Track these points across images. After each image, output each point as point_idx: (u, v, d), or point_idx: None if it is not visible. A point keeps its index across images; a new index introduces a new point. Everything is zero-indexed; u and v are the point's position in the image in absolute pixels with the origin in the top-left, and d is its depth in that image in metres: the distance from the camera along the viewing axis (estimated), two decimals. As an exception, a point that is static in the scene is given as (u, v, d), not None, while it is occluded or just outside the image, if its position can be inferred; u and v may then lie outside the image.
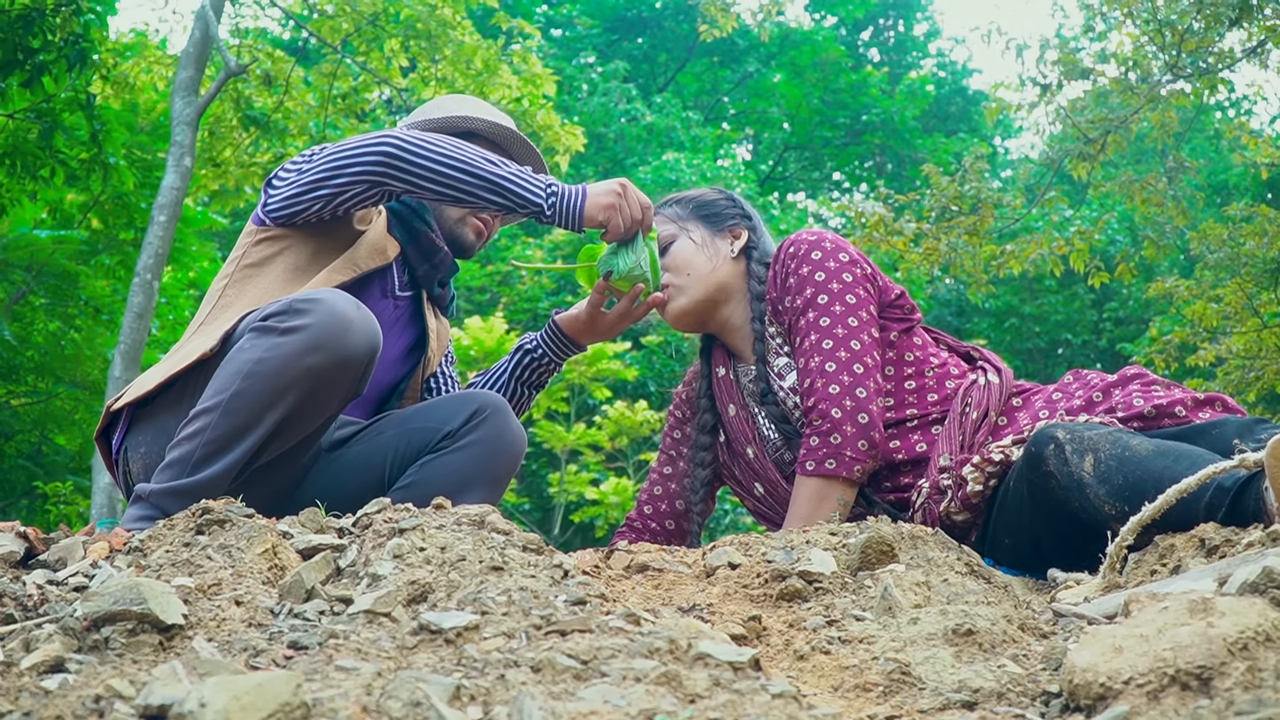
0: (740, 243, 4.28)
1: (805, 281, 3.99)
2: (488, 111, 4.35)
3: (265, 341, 3.42)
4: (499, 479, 3.87)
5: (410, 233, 4.10)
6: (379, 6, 15.05)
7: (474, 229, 4.22)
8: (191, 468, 3.36)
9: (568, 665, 1.80)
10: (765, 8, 17.84)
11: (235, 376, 3.40)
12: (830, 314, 3.92)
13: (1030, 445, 3.33)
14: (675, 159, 27.07)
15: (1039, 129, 15.92)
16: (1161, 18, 13.61)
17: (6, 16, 9.84)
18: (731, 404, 4.23)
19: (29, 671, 1.87)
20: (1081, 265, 14.81)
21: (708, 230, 4.27)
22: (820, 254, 4.02)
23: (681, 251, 4.23)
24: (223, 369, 3.45)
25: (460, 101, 4.42)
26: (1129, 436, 3.18)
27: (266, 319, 3.46)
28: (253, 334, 3.46)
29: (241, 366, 3.40)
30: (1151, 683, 1.70)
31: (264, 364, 3.39)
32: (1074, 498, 3.15)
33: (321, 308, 3.43)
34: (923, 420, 3.90)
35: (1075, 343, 28.79)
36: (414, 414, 3.89)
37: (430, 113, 4.31)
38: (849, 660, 2.17)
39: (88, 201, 13.83)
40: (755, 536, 2.91)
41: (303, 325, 3.40)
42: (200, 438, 3.39)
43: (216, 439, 3.38)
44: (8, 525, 2.72)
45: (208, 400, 3.42)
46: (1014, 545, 3.48)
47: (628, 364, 19.10)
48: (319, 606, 2.23)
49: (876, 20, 40.86)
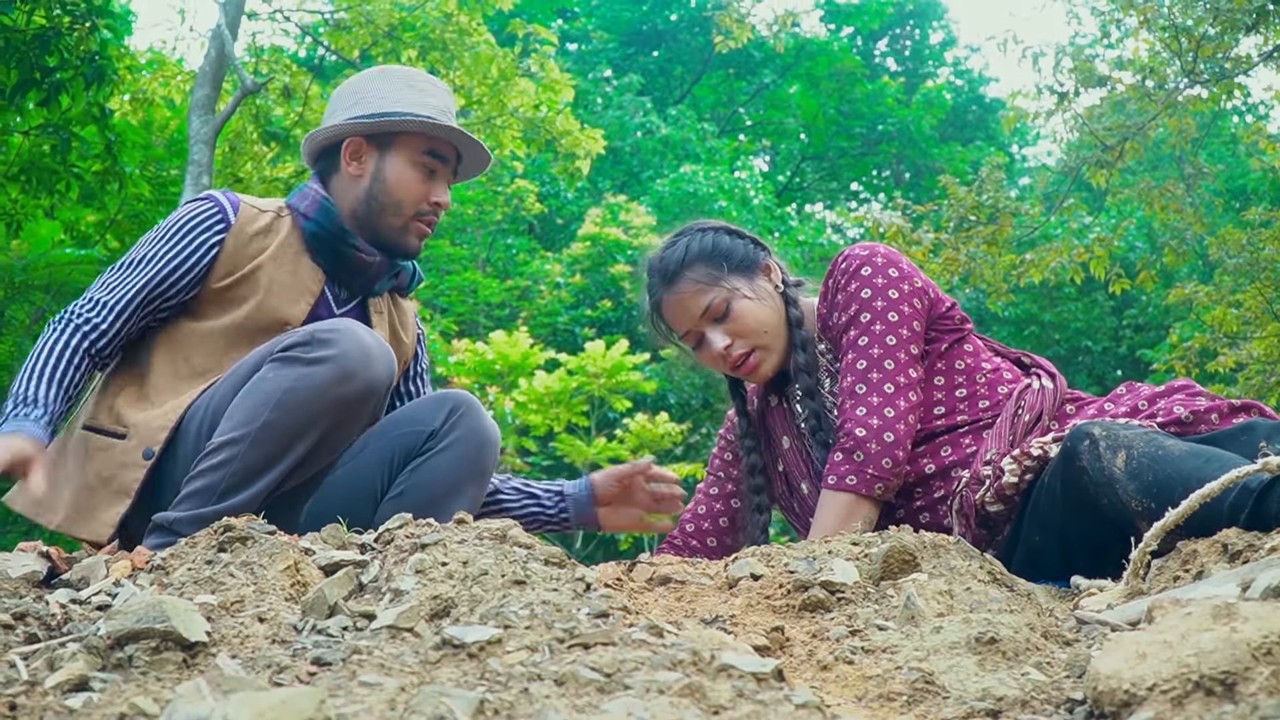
0: (777, 275, 4.18)
1: (851, 298, 3.93)
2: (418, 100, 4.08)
3: (292, 371, 3.42)
4: (485, 472, 3.87)
5: (335, 257, 3.99)
6: (395, 18, 15.08)
7: (418, 233, 4.08)
8: (218, 497, 3.36)
9: (591, 678, 1.80)
10: (780, 19, 17.89)
11: (264, 407, 3.40)
12: (870, 332, 3.89)
13: (1066, 441, 3.34)
14: (692, 171, 27.13)
15: (1056, 137, 15.86)
16: (1177, 23, 13.59)
17: (23, 36, 9.86)
18: (786, 436, 4.19)
19: (53, 690, 1.88)
20: (1102, 272, 14.78)
21: (748, 280, 4.11)
22: (870, 270, 3.95)
23: (749, 312, 4.05)
24: (245, 399, 3.44)
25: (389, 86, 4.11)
26: (1163, 438, 3.18)
27: (289, 349, 3.46)
28: (276, 364, 3.45)
29: (270, 396, 3.40)
30: (1176, 689, 1.69)
31: (293, 394, 3.39)
32: (1104, 494, 3.15)
33: (345, 338, 3.44)
34: (974, 426, 3.89)
35: (1095, 350, 28.75)
36: (392, 422, 3.83)
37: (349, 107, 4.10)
38: (872, 670, 2.16)
39: (104, 221, 13.86)
40: (777, 547, 2.91)
41: (330, 356, 3.41)
42: (228, 468, 3.39)
43: (244, 469, 3.38)
44: (30, 545, 2.72)
45: (234, 430, 3.41)
46: (1043, 542, 3.48)
47: (647, 376, 19.13)
48: (342, 622, 2.23)
49: (892, 30, 40.88)
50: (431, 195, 4.06)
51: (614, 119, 30.74)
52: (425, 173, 4.05)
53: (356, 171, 4.04)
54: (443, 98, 4.16)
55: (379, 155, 4.03)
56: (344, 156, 4.05)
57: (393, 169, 4.02)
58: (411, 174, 4.02)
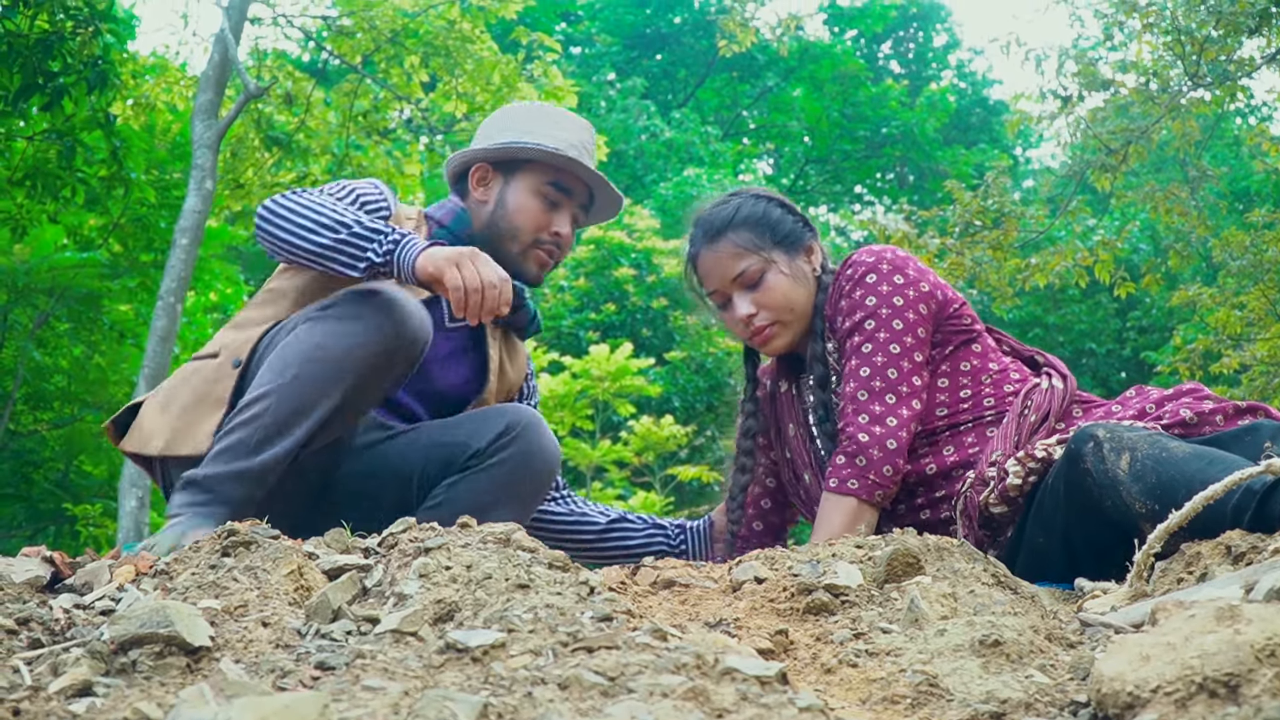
0: (817, 259, 4.18)
1: (856, 305, 3.93)
2: (550, 133, 4.12)
3: (323, 327, 3.45)
4: (525, 499, 3.84)
5: None
6: (398, 24, 15.08)
7: (537, 261, 4.09)
8: (250, 450, 3.38)
9: (595, 682, 1.80)
10: (784, 22, 17.90)
11: (294, 361, 3.43)
12: (874, 339, 3.88)
13: (1071, 443, 3.35)
14: (696, 175, 27.13)
15: (1060, 140, 15.85)
16: (1180, 26, 13.58)
17: (26, 40, 9.89)
18: (792, 423, 4.21)
19: (57, 695, 1.88)
20: (1107, 276, 14.77)
21: (788, 256, 4.10)
22: (875, 276, 3.95)
23: (779, 287, 4.05)
24: (277, 354, 3.48)
25: (529, 118, 4.20)
26: (1167, 439, 3.19)
27: (326, 306, 3.50)
28: (310, 322, 3.49)
29: (301, 352, 3.43)
30: (1179, 691, 1.69)
31: (323, 349, 3.42)
32: (1107, 495, 3.16)
33: (379, 297, 3.48)
34: (977, 423, 3.89)
35: (1099, 352, 28.76)
36: (443, 428, 3.86)
37: (492, 135, 4.18)
38: (876, 673, 2.16)
39: (107, 225, 13.87)
40: (781, 551, 2.91)
41: (361, 313, 3.45)
42: (259, 421, 3.40)
43: (275, 422, 3.40)
44: (34, 550, 2.73)
45: (264, 385, 3.43)
46: (1047, 544, 3.49)
47: (651, 380, 19.12)
48: (346, 627, 2.23)
49: (896, 33, 40.89)
50: (552, 226, 4.09)
51: (617, 122, 30.77)
52: (547, 203, 4.08)
53: (482, 197, 4.11)
54: (579, 134, 4.18)
55: (504, 182, 4.10)
56: (471, 182, 4.13)
57: (515, 196, 4.07)
58: (533, 202, 4.06)
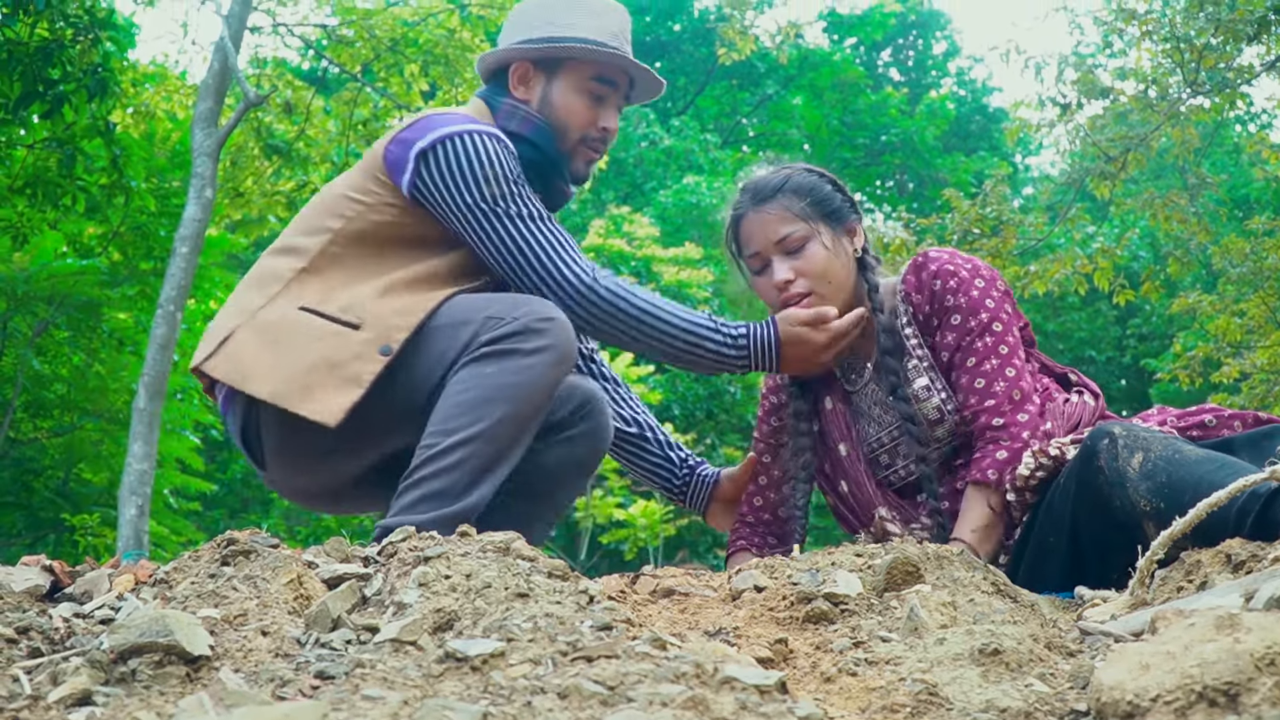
0: (859, 241, 4.15)
1: (979, 305, 3.94)
2: (590, 24, 4.04)
3: (513, 364, 3.46)
4: (592, 473, 3.99)
5: (546, 186, 3.99)
6: (398, 33, 15.10)
7: (585, 159, 4.07)
8: (456, 496, 3.41)
9: (594, 691, 1.80)
10: (784, 30, 17.89)
11: (493, 403, 3.45)
12: (1005, 342, 3.91)
13: (1087, 440, 3.39)
14: (695, 182, 27.13)
15: (1059, 147, 15.85)
16: (1179, 34, 13.59)
17: (26, 48, 9.90)
18: (829, 397, 4.19)
19: (56, 705, 1.88)
20: (1106, 284, 14.77)
21: (832, 231, 4.08)
22: (984, 282, 3.97)
23: (819, 257, 4.02)
24: (467, 394, 3.47)
25: (566, 8, 4.06)
26: (1182, 443, 3.24)
27: (503, 339, 3.49)
28: (493, 357, 3.49)
29: (498, 391, 3.45)
30: (1179, 700, 1.69)
31: (520, 388, 3.45)
32: (1116, 493, 3.19)
33: (557, 326, 3.52)
34: None
35: (1099, 359, 28.77)
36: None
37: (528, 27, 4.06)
38: (876, 682, 2.16)
39: (107, 233, 13.87)
40: (780, 559, 2.92)
41: (547, 345, 3.48)
42: (465, 467, 3.42)
43: (480, 466, 3.43)
44: (34, 559, 2.73)
45: (462, 430, 3.44)
46: (1055, 543, 3.50)
47: (651, 387, 19.11)
48: (345, 636, 2.23)
49: (895, 40, 40.92)
50: (599, 121, 4.05)
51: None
52: (593, 99, 4.03)
53: (524, 95, 4.03)
54: (617, 20, 4.11)
55: (546, 80, 4.02)
56: (512, 81, 4.04)
57: (560, 95, 4.01)
58: (579, 100, 4.01)
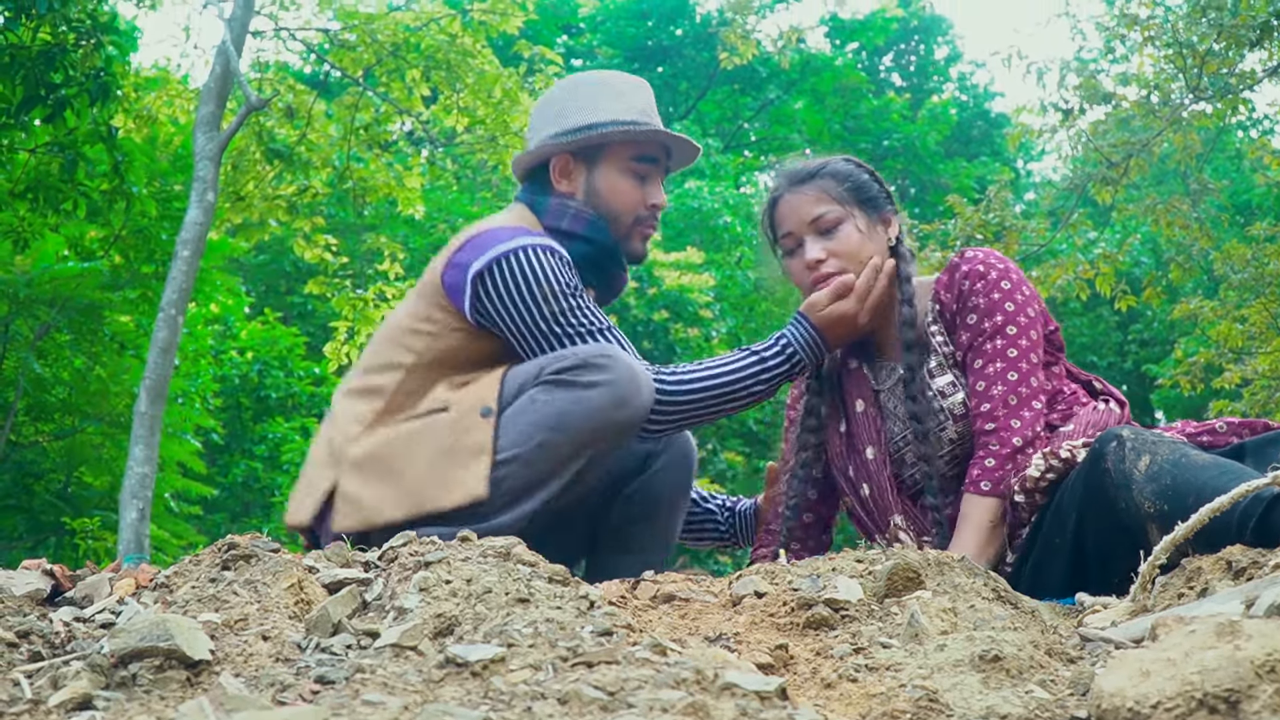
0: (894, 231, 4.15)
1: (996, 306, 3.94)
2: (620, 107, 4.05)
3: (568, 395, 3.46)
4: (691, 489, 4.07)
5: (603, 277, 4.03)
6: (400, 38, 15.09)
7: (641, 237, 4.08)
8: (494, 512, 3.44)
9: (594, 697, 1.80)
10: (786, 35, 17.92)
11: (538, 428, 3.45)
12: (1018, 346, 3.90)
13: (1096, 442, 3.41)
14: (697, 187, 27.10)
15: (1061, 153, 15.87)
16: (1182, 39, 13.59)
17: (28, 52, 9.90)
18: (860, 399, 4.17)
19: (57, 709, 1.88)
20: (1108, 289, 14.76)
21: (867, 217, 4.09)
22: (1009, 284, 3.96)
23: (852, 239, 4.03)
24: (519, 418, 3.49)
25: (592, 95, 4.07)
26: (1189, 448, 3.25)
27: (562, 373, 3.49)
28: (549, 386, 3.50)
29: (545, 418, 3.45)
30: (1179, 707, 1.69)
31: (568, 417, 3.45)
32: (1121, 495, 3.20)
33: (618, 364, 3.49)
34: None
35: (1101, 365, 28.75)
36: None
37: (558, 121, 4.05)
38: (876, 688, 2.16)
39: (108, 237, 13.86)
40: (781, 565, 2.91)
41: (605, 380, 3.47)
42: (500, 486, 3.44)
43: (515, 488, 3.45)
44: (34, 563, 2.72)
45: (507, 449, 3.45)
46: (1060, 545, 3.51)
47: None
48: (345, 640, 2.23)
49: (897, 45, 40.90)
50: (648, 199, 4.05)
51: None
52: (637, 179, 4.03)
53: (568, 189, 4.02)
54: (643, 97, 4.11)
55: (588, 170, 4.02)
56: (553, 176, 4.02)
57: (604, 181, 4.00)
58: (624, 182, 4.01)
